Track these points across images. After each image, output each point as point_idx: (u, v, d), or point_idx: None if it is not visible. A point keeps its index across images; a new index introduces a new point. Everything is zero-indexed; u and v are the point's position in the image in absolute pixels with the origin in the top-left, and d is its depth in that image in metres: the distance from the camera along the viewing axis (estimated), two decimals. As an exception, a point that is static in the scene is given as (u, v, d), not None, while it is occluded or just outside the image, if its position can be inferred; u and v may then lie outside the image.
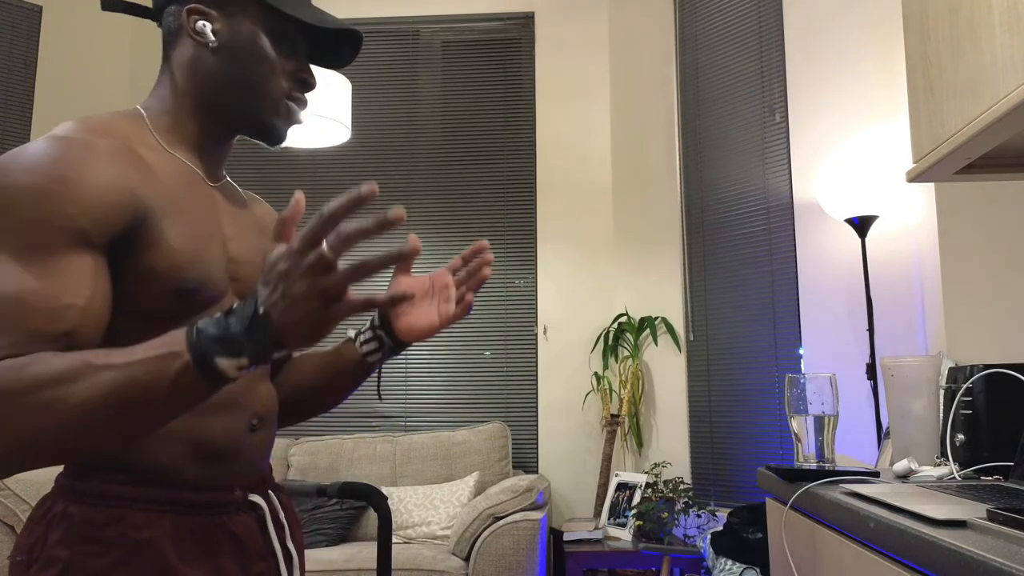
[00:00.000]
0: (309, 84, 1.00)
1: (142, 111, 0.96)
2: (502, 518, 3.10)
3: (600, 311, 4.03)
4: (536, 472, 3.95)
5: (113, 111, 0.95)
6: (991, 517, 0.82)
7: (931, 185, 2.37)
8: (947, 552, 0.77)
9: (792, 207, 3.13)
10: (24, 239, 0.76)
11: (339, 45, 1.05)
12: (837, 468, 1.35)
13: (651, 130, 3.96)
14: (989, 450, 1.34)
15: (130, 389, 0.71)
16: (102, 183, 0.81)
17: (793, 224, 3.11)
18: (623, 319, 3.89)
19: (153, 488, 0.88)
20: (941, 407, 1.50)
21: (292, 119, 1.00)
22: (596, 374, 3.93)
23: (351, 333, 1.12)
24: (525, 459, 3.99)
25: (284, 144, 1.04)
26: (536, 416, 4.00)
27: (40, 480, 3.33)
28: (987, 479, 1.28)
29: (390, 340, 1.08)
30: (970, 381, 1.39)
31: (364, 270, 0.70)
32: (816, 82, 3.05)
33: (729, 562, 2.73)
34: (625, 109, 4.12)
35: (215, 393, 0.75)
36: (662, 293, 3.81)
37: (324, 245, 0.69)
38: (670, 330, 3.73)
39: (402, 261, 0.71)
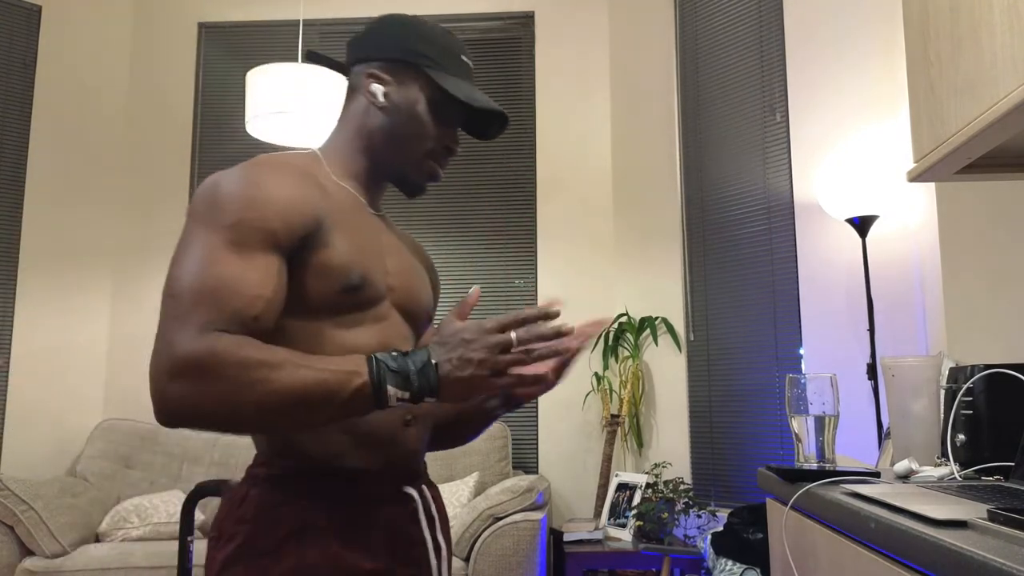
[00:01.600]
0: (452, 151, 1.18)
1: (318, 151, 1.15)
2: (502, 518, 3.10)
3: (600, 311, 4.02)
4: (536, 472, 3.95)
5: (291, 151, 1.13)
6: (992, 517, 0.82)
7: (931, 185, 2.37)
8: (948, 552, 0.76)
9: (792, 207, 3.13)
10: (231, 234, 0.94)
11: (490, 121, 1.21)
12: (837, 468, 1.35)
13: (651, 130, 3.95)
14: (990, 450, 1.34)
15: (318, 388, 0.88)
16: (289, 195, 0.99)
17: (793, 224, 3.11)
18: (623, 319, 3.89)
19: (317, 476, 1.02)
20: (942, 407, 1.50)
21: (431, 178, 1.17)
22: (596, 374, 3.92)
23: None
24: (525, 459, 3.98)
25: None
26: (536, 416, 4.00)
27: (39, 481, 3.33)
28: (988, 479, 1.28)
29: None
30: (971, 381, 1.38)
31: (528, 359, 0.92)
32: (816, 82, 3.05)
33: (729, 562, 2.73)
34: (625, 109, 4.11)
35: (367, 412, 0.92)
36: (662, 293, 3.81)
37: (512, 334, 0.92)
38: (670, 330, 3.73)
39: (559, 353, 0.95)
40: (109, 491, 3.62)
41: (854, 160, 2.61)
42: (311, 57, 1.20)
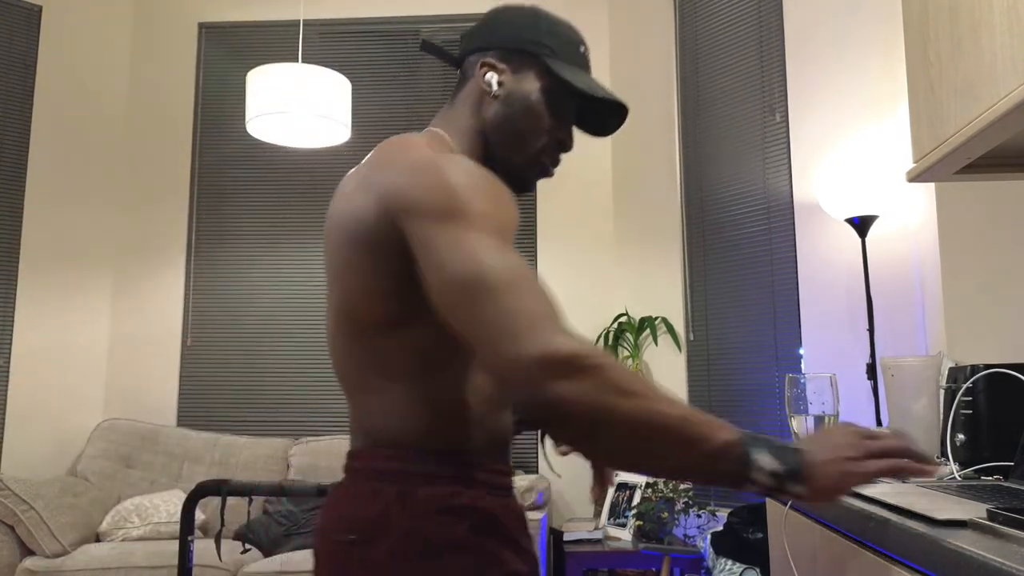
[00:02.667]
0: (567, 146, 1.11)
1: (443, 134, 1.07)
2: (502, 518, 3.10)
3: (600, 311, 4.03)
4: (536, 472, 3.95)
5: (421, 133, 1.06)
6: (991, 517, 0.82)
7: (931, 185, 2.37)
8: (947, 552, 0.77)
9: (792, 207, 3.13)
10: (503, 226, 0.90)
11: (606, 115, 1.14)
12: (837, 468, 1.35)
13: (651, 130, 3.95)
14: (989, 450, 1.34)
15: (690, 427, 0.82)
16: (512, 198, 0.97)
17: (793, 224, 3.11)
18: (623, 319, 3.89)
19: (475, 470, 0.99)
20: (941, 407, 1.50)
21: (542, 173, 1.11)
22: (596, 374, 3.92)
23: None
24: (525, 459, 3.99)
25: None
26: (536, 416, 4.00)
27: (39, 481, 3.33)
28: (987, 479, 1.28)
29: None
30: (970, 381, 1.39)
31: (887, 470, 0.86)
32: (816, 82, 3.05)
33: (729, 562, 2.73)
34: (625, 109, 4.11)
35: (728, 478, 0.84)
36: (662, 293, 3.81)
37: (887, 441, 0.87)
38: (670, 330, 3.73)
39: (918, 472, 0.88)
40: (109, 491, 3.63)
41: (854, 160, 2.61)
42: (425, 47, 1.13)
